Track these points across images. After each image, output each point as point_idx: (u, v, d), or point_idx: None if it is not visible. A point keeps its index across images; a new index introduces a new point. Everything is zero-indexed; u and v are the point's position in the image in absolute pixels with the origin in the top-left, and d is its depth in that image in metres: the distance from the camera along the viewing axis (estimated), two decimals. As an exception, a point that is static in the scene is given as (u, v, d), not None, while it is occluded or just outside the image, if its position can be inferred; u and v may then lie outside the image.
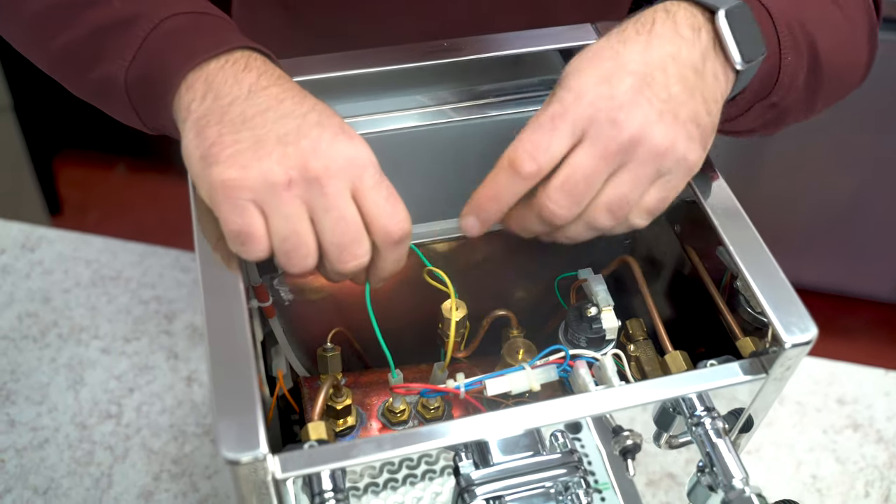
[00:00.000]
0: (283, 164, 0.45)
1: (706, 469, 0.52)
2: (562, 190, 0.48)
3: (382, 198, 0.48)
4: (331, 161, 0.46)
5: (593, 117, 0.47)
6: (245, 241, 0.46)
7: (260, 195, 0.45)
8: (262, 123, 0.46)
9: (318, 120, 0.47)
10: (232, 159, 0.45)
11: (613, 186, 0.48)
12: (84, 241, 1.02)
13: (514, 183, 0.49)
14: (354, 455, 0.46)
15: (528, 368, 0.54)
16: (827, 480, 0.86)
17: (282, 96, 0.48)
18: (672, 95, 0.49)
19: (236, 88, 0.48)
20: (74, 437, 0.85)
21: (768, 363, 0.51)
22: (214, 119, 0.47)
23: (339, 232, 0.47)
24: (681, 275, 0.66)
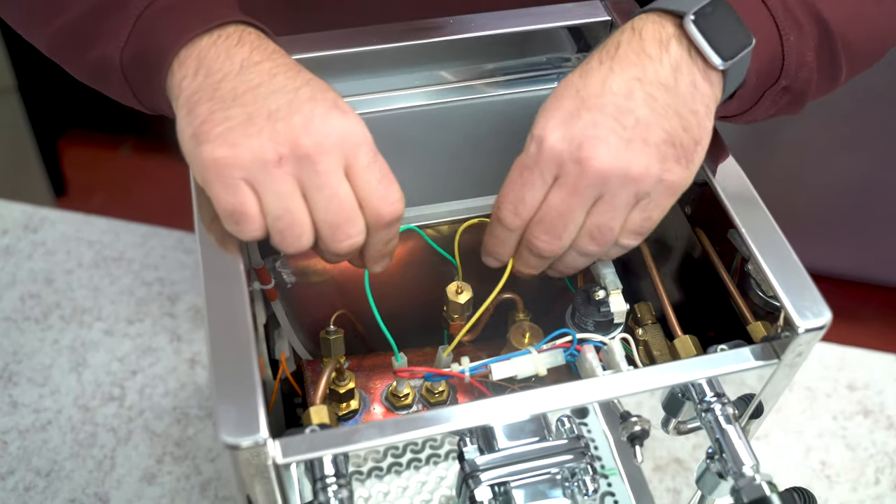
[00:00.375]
0: (273, 140, 0.44)
1: (715, 456, 0.51)
2: (540, 228, 0.50)
3: (375, 178, 0.47)
4: (323, 137, 0.45)
5: (558, 162, 0.48)
6: (238, 220, 0.45)
7: (251, 173, 0.44)
8: (252, 99, 0.45)
9: (310, 95, 0.46)
10: (222, 137, 0.44)
11: (592, 216, 0.50)
12: (87, 221, 1.01)
13: (508, 233, 0.52)
14: (356, 440, 0.45)
15: (535, 352, 0.53)
16: (836, 467, 0.85)
17: (274, 71, 0.47)
18: (640, 120, 0.48)
19: (228, 64, 0.46)
20: (77, 419, 0.85)
21: (780, 348, 0.50)
22: (205, 96, 0.46)
23: (332, 210, 0.46)
24: (691, 258, 0.65)
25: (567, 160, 0.48)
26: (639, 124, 0.48)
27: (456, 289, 0.59)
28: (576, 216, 0.49)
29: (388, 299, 0.59)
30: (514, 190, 0.50)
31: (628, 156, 0.48)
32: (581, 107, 0.48)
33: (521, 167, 0.50)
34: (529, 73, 0.66)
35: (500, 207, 0.51)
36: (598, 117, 0.48)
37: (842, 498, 0.83)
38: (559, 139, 0.48)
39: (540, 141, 0.49)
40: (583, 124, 0.48)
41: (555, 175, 0.49)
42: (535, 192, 0.50)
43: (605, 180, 0.48)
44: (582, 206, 0.49)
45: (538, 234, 0.50)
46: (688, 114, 0.49)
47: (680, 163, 0.49)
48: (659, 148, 0.48)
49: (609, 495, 0.77)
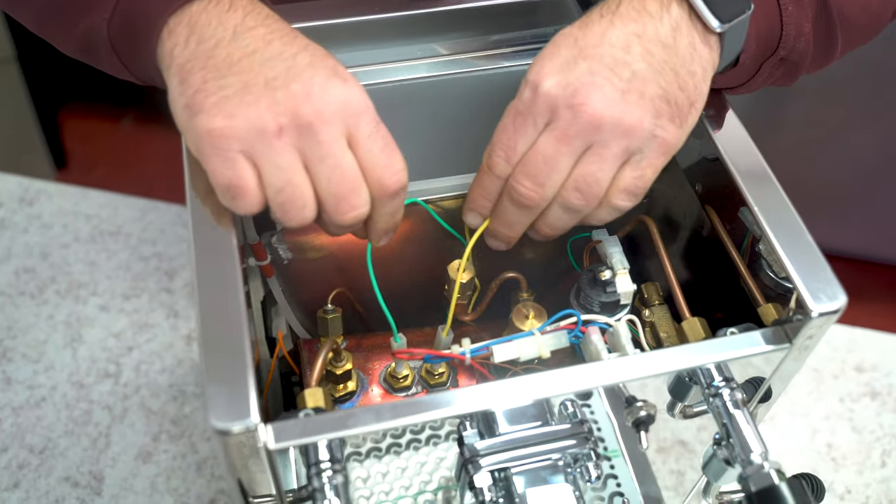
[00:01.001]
0: (272, 110, 0.43)
1: (723, 442, 0.50)
2: (524, 172, 0.48)
3: (378, 147, 0.45)
4: (324, 105, 0.43)
5: (552, 107, 0.47)
6: (236, 194, 0.44)
7: (249, 145, 0.43)
8: (248, 67, 0.44)
9: (309, 61, 0.44)
10: (217, 107, 0.43)
11: (580, 166, 0.48)
12: (84, 195, 0.99)
13: (496, 182, 0.50)
14: (352, 425, 0.43)
15: (538, 334, 0.52)
16: (842, 449, 0.84)
17: (269, 37, 0.45)
18: (637, 73, 0.47)
19: (220, 30, 0.44)
20: (72, 396, 0.83)
21: (792, 332, 0.48)
22: (198, 64, 0.44)
23: (335, 181, 0.44)
24: (700, 237, 0.63)
25: (561, 106, 0.47)
26: (635, 77, 0.47)
27: (457, 267, 0.58)
28: (562, 163, 0.48)
29: (388, 277, 0.57)
30: (507, 135, 0.49)
31: (622, 106, 0.47)
32: (578, 55, 0.48)
33: (514, 113, 0.49)
34: (536, 44, 0.64)
35: (490, 154, 0.50)
36: (594, 66, 0.47)
37: (847, 481, 0.82)
38: (554, 85, 0.47)
39: (534, 86, 0.48)
40: (579, 72, 0.47)
41: (547, 121, 0.48)
42: (527, 138, 0.48)
43: (596, 128, 0.47)
44: (570, 154, 0.48)
45: (521, 179, 0.49)
46: (685, 74, 0.48)
47: (674, 121, 0.48)
48: (654, 102, 0.47)
49: (612, 478, 0.75)
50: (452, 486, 0.68)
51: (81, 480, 0.78)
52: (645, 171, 0.49)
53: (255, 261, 0.56)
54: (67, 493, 0.77)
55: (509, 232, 0.52)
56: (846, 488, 0.81)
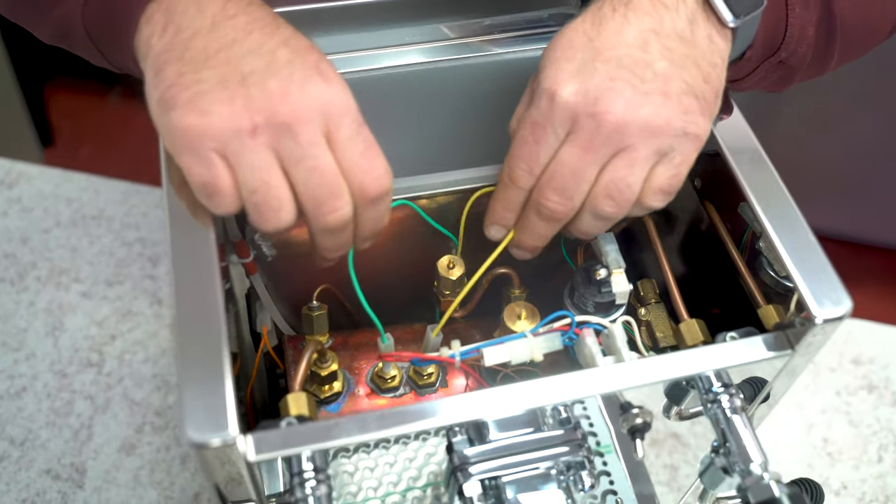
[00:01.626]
0: (248, 108, 0.40)
1: (721, 450, 0.48)
2: (550, 187, 0.47)
3: (359, 151, 0.43)
4: (302, 105, 0.41)
5: (572, 116, 0.45)
6: (211, 193, 0.42)
7: (223, 143, 0.41)
8: (225, 60, 0.41)
9: (289, 57, 0.42)
10: (191, 103, 0.40)
11: (608, 172, 0.46)
12: (65, 177, 0.97)
13: (520, 194, 0.49)
14: (335, 436, 0.41)
15: (530, 336, 0.50)
16: (839, 444, 0.83)
17: (250, 27, 0.42)
18: (658, 72, 0.45)
19: (199, 19, 0.42)
20: (53, 385, 0.81)
21: (795, 338, 0.46)
22: (174, 56, 0.42)
23: (313, 184, 0.42)
24: (698, 232, 0.61)
25: (582, 115, 0.45)
26: (657, 76, 0.45)
27: (448, 263, 0.56)
28: (588, 173, 0.46)
29: (377, 272, 0.55)
30: (527, 147, 0.47)
31: (647, 109, 0.45)
32: (595, 58, 0.45)
33: (532, 123, 0.47)
34: (530, 29, 0.61)
35: (512, 167, 0.48)
36: (613, 70, 0.45)
37: (843, 476, 0.81)
38: (573, 93, 0.45)
39: (552, 95, 0.45)
40: (599, 77, 0.45)
41: (568, 130, 0.46)
42: (549, 148, 0.46)
43: (622, 134, 0.45)
44: (596, 163, 0.46)
45: (548, 194, 0.47)
46: (707, 66, 0.47)
47: (703, 114, 0.47)
48: (680, 100, 0.46)
49: (605, 475, 0.74)
50: (441, 481, 0.67)
51: (63, 473, 0.77)
52: (679, 168, 0.47)
53: (238, 258, 0.54)
54: (48, 486, 0.76)
55: (535, 243, 0.50)
56: (842, 484, 0.80)
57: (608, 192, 0.46)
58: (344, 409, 0.54)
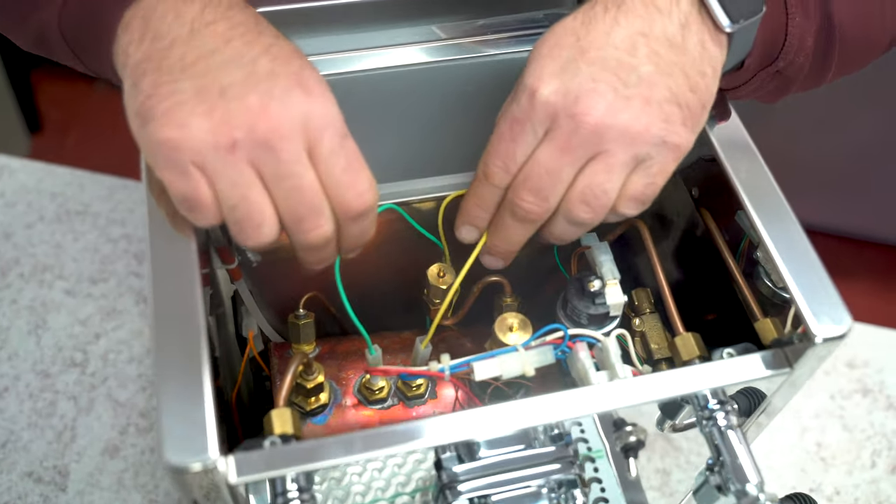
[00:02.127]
0: (227, 122, 0.39)
1: (715, 468, 0.47)
2: (525, 186, 0.46)
3: (340, 168, 0.41)
4: (282, 120, 0.39)
5: (551, 115, 0.44)
6: (192, 207, 0.41)
7: (202, 158, 0.39)
8: (204, 71, 0.40)
9: (269, 68, 0.40)
10: (168, 115, 0.39)
11: (584, 176, 0.45)
12: (49, 171, 0.95)
13: (494, 192, 0.47)
14: (320, 457, 0.40)
15: (522, 350, 0.48)
16: (832, 448, 0.82)
17: (229, 34, 0.41)
18: (643, 77, 0.44)
19: (177, 26, 0.40)
20: (35, 386, 0.80)
21: (794, 356, 0.45)
22: (152, 66, 0.40)
23: (293, 202, 0.41)
24: (693, 239, 0.60)
25: (561, 114, 0.44)
26: (641, 81, 0.44)
27: (438, 272, 0.54)
28: (564, 175, 0.45)
29: (364, 278, 0.54)
30: (504, 144, 0.46)
31: (627, 114, 0.44)
32: (580, 58, 0.44)
33: (511, 120, 0.46)
34: (525, 30, 0.60)
35: (487, 163, 0.47)
36: (597, 71, 0.44)
37: (836, 482, 0.80)
38: (553, 92, 0.44)
39: (532, 92, 0.44)
40: (581, 77, 0.44)
41: (546, 129, 0.45)
42: (526, 146, 0.45)
43: (600, 138, 0.44)
44: (572, 165, 0.45)
45: (523, 193, 0.46)
46: (695, 74, 0.45)
47: (686, 125, 0.45)
48: (662, 107, 0.44)
49: (596, 481, 0.73)
50: (430, 486, 0.66)
51: (45, 476, 0.75)
52: (655, 177, 0.46)
53: (222, 264, 0.53)
54: (30, 489, 0.74)
55: (508, 247, 0.49)
56: (835, 489, 0.79)
57: (584, 198, 0.45)
58: (330, 421, 0.53)
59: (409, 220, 0.52)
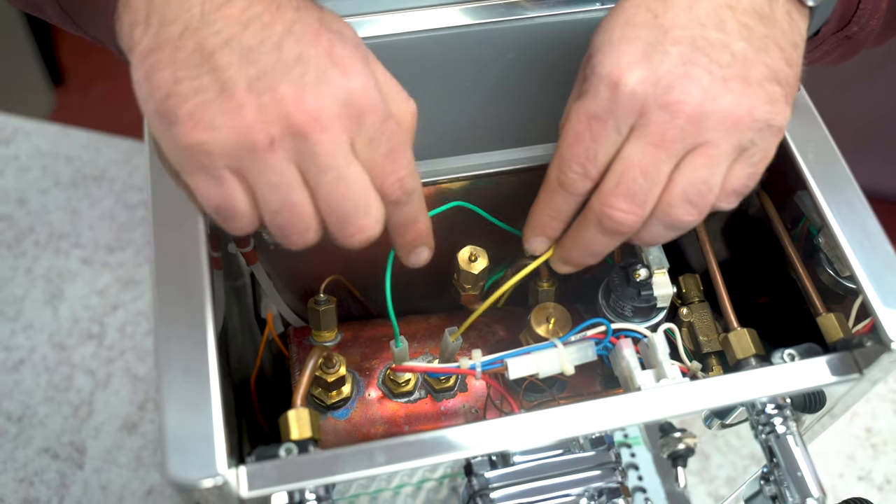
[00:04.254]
0: (260, 119, 0.35)
1: (771, 477, 0.43)
2: (617, 192, 0.40)
3: (381, 153, 0.37)
4: (320, 108, 0.35)
5: (640, 109, 0.39)
6: (227, 217, 0.37)
7: (237, 161, 0.36)
8: (226, 62, 0.35)
9: (297, 51, 0.36)
10: (194, 117, 0.35)
11: (686, 173, 0.39)
12: (65, 134, 0.91)
13: (571, 200, 0.42)
14: (338, 470, 0.37)
15: (560, 346, 0.44)
16: (883, 434, 0.78)
17: (245, 17, 0.36)
18: (736, 55, 0.39)
19: (185, 8, 0.36)
20: (52, 358, 0.77)
21: (864, 361, 0.41)
22: (165, 58, 0.35)
23: (337, 198, 0.37)
24: (745, 221, 0.55)
25: (652, 106, 0.39)
26: (736, 60, 0.39)
27: (469, 255, 0.50)
28: (661, 174, 0.40)
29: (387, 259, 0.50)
30: (583, 145, 0.40)
31: (728, 98, 0.39)
32: (663, 39, 0.39)
33: (589, 117, 0.40)
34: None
35: (563, 169, 0.41)
36: (687, 52, 0.39)
37: (887, 470, 0.76)
38: (640, 81, 0.38)
39: (614, 84, 0.39)
40: (671, 62, 0.39)
41: (632, 124, 0.39)
42: (609, 146, 0.40)
43: (699, 127, 0.39)
44: (670, 161, 0.39)
45: (614, 201, 0.40)
46: (789, 47, 0.40)
47: (788, 103, 0.41)
48: (763, 87, 0.39)
49: (633, 468, 0.70)
50: (459, 474, 0.62)
51: (62, 452, 0.73)
52: (757, 166, 0.41)
53: (237, 247, 0.49)
54: (47, 465, 0.72)
55: (589, 259, 0.44)
56: (885, 478, 0.75)
57: (687, 197, 0.39)
58: (353, 415, 0.50)
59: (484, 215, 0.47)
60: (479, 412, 0.51)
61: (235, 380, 0.54)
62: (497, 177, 0.49)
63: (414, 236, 0.42)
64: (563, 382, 0.51)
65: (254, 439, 0.57)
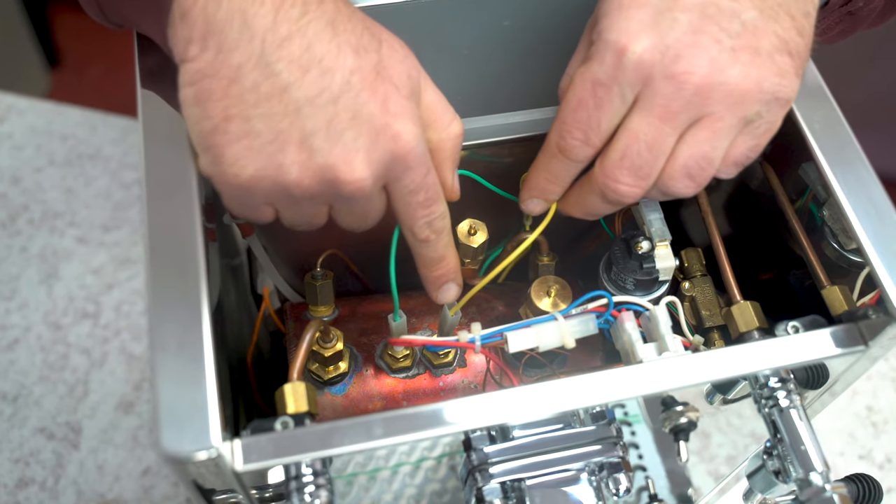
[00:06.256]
0: (308, 176, 0.36)
1: (774, 452, 0.42)
2: (623, 165, 0.39)
3: (417, 201, 0.39)
4: (366, 175, 0.37)
5: (646, 77, 0.38)
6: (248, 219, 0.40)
7: (275, 199, 0.38)
8: (281, 111, 0.35)
9: (353, 110, 0.36)
10: (241, 160, 0.36)
11: (689, 146, 0.39)
12: (59, 112, 0.90)
13: (571, 167, 0.42)
14: (335, 443, 0.36)
15: (561, 319, 0.44)
16: (884, 413, 0.77)
17: (307, 58, 0.35)
18: (746, 24, 0.38)
19: (246, 39, 0.35)
20: (47, 338, 0.77)
21: (869, 332, 0.40)
22: (219, 87, 0.35)
23: (356, 223, 0.40)
24: (747, 194, 0.55)
25: (658, 75, 0.38)
26: (745, 30, 0.38)
27: (469, 228, 0.49)
28: (666, 146, 0.39)
29: (390, 231, 0.49)
30: (585, 112, 0.39)
31: (736, 69, 0.38)
32: (673, 5, 0.38)
33: (593, 83, 0.39)
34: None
35: (563, 135, 0.40)
36: (696, 20, 0.38)
37: (888, 448, 0.75)
38: (647, 49, 0.38)
39: (620, 50, 0.38)
40: (679, 30, 0.38)
41: (637, 93, 0.39)
42: (612, 115, 0.39)
43: (705, 99, 0.38)
44: (674, 133, 0.39)
45: (619, 174, 0.40)
46: (801, 16, 0.39)
47: (798, 75, 0.40)
48: (773, 58, 0.39)
49: (633, 447, 0.69)
50: (458, 452, 0.62)
51: (58, 432, 0.72)
52: (761, 138, 0.40)
53: (231, 219, 0.48)
54: (42, 445, 0.72)
55: (589, 219, 0.44)
56: (886, 456, 0.75)
57: (687, 171, 0.39)
58: (350, 390, 0.49)
59: (489, 186, 0.47)
60: (479, 388, 0.50)
61: (232, 357, 0.53)
62: (497, 147, 0.48)
63: (442, 272, 0.43)
64: (564, 357, 0.50)
65: (251, 417, 0.56)
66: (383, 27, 0.39)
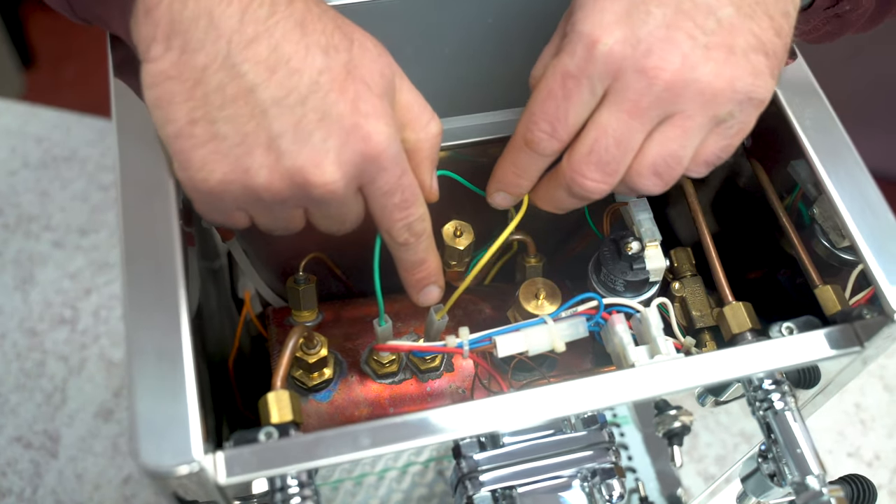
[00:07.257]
0: (277, 180, 0.35)
1: (769, 455, 0.42)
2: (590, 161, 0.39)
3: (393, 202, 0.38)
4: (336, 177, 0.36)
5: (616, 71, 0.37)
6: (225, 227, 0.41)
7: (245, 204, 0.37)
8: (247, 113, 0.34)
9: (322, 110, 0.35)
10: (208, 165, 0.35)
11: (658, 144, 0.38)
12: (33, 113, 0.88)
13: (538, 160, 0.41)
14: (320, 454, 0.35)
15: (550, 322, 0.43)
16: (871, 410, 0.77)
17: (274, 58, 0.34)
18: (722, 22, 0.37)
19: (212, 39, 0.34)
20: (23, 345, 0.75)
21: (865, 333, 0.39)
22: (183, 90, 0.34)
23: (333, 226, 0.39)
24: (735, 192, 0.54)
25: (629, 69, 0.37)
26: (721, 27, 0.37)
27: (454, 230, 0.48)
28: (634, 142, 0.39)
29: (372, 233, 0.48)
30: (553, 104, 0.39)
31: (708, 67, 0.37)
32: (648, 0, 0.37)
33: (563, 75, 0.38)
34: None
35: (530, 127, 0.40)
36: (670, 15, 0.37)
37: (876, 446, 0.75)
38: (619, 41, 0.37)
39: (591, 42, 0.37)
40: (652, 24, 0.37)
41: (607, 87, 0.38)
42: (581, 107, 0.38)
43: (676, 96, 0.37)
44: (643, 129, 0.38)
45: (586, 170, 0.39)
46: (779, 15, 0.39)
47: (773, 75, 0.39)
48: (748, 57, 0.38)
49: (623, 448, 0.68)
50: (446, 457, 0.61)
51: (35, 441, 0.71)
52: (733, 138, 0.39)
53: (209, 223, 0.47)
54: (20, 454, 0.70)
55: (559, 212, 0.43)
56: (874, 454, 0.75)
57: (655, 169, 0.38)
58: (335, 397, 0.48)
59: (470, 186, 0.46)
60: (467, 393, 0.49)
61: (213, 362, 0.52)
62: (480, 147, 0.47)
63: (422, 276, 0.42)
64: (553, 361, 0.49)
65: (234, 426, 0.55)
66: (357, 26, 0.38)
